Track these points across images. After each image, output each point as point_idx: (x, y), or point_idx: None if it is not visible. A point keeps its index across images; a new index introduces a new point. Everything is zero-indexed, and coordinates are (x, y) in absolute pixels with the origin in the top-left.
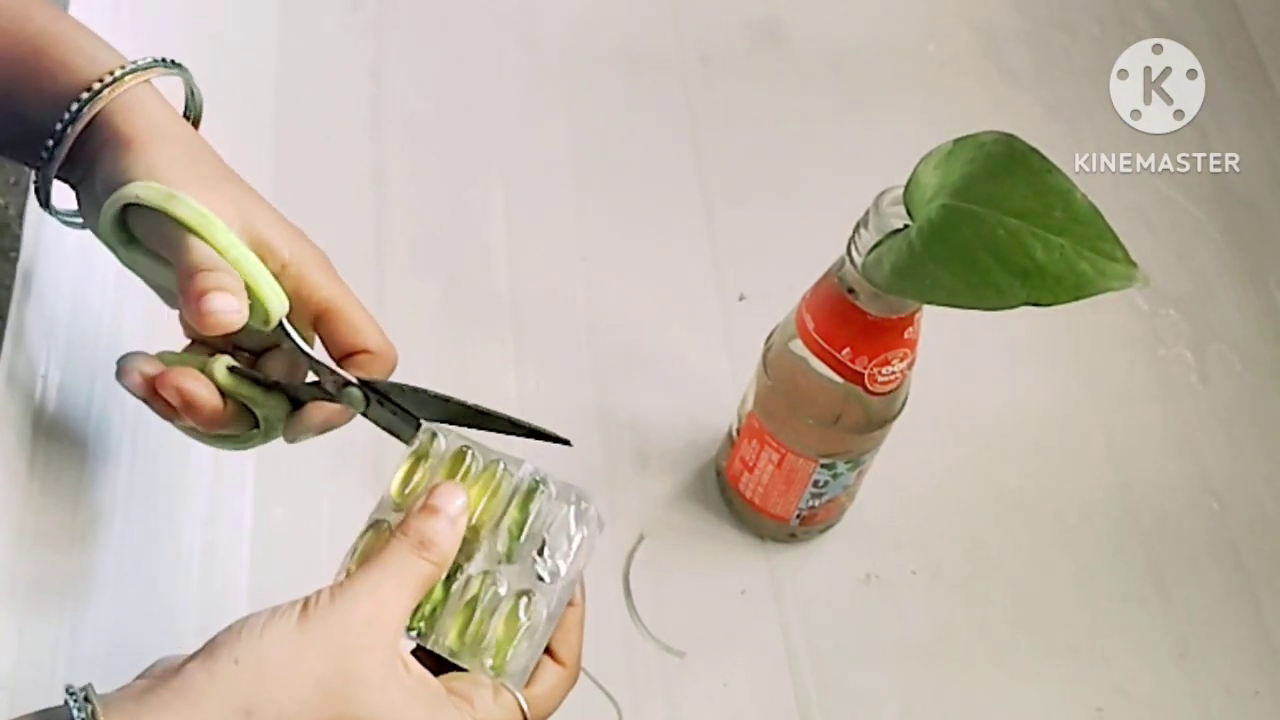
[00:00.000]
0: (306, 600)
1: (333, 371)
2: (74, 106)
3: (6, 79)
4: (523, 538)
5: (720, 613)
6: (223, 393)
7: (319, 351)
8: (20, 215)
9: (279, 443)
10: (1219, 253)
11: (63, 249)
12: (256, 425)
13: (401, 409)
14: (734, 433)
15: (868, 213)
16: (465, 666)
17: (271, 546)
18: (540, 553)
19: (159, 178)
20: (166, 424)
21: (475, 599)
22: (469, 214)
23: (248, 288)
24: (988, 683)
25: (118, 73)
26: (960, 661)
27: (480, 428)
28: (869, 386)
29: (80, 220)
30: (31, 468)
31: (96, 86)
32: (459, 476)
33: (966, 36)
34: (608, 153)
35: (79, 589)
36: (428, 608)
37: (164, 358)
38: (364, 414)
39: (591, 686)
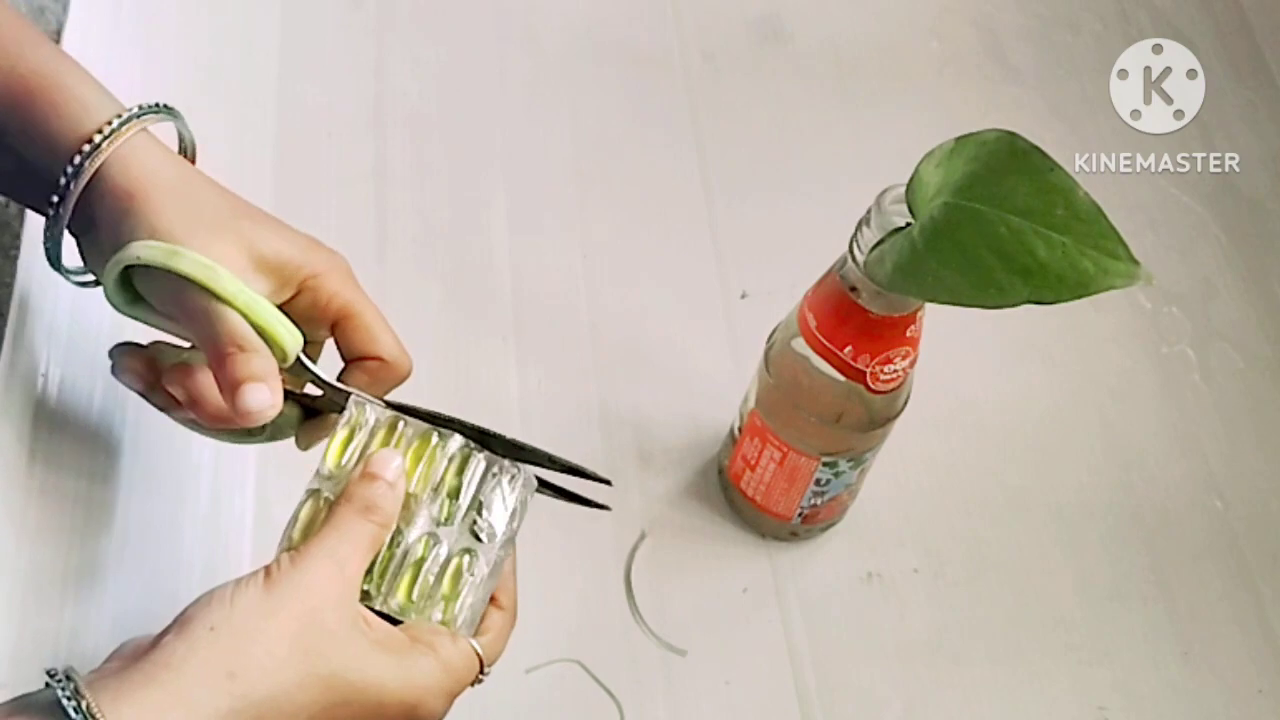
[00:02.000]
0: (268, 567)
1: (355, 393)
2: (76, 160)
3: None
4: (460, 501)
5: (722, 611)
6: None
7: (334, 368)
8: (21, 213)
9: (281, 441)
10: (1221, 251)
11: (64, 246)
12: (260, 433)
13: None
14: (736, 431)
15: (870, 211)
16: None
17: (273, 544)
18: (479, 514)
19: (160, 231)
20: (168, 421)
21: (421, 560)
22: (470, 212)
23: (260, 329)
24: (990, 681)
25: (115, 123)
26: (962, 660)
27: (512, 459)
28: (871, 385)
29: (92, 279)
30: (32, 465)
31: (96, 139)
32: (393, 445)
33: (969, 34)
34: (609, 150)
35: (79, 586)
36: (375, 572)
37: (162, 354)
38: None
39: (593, 684)
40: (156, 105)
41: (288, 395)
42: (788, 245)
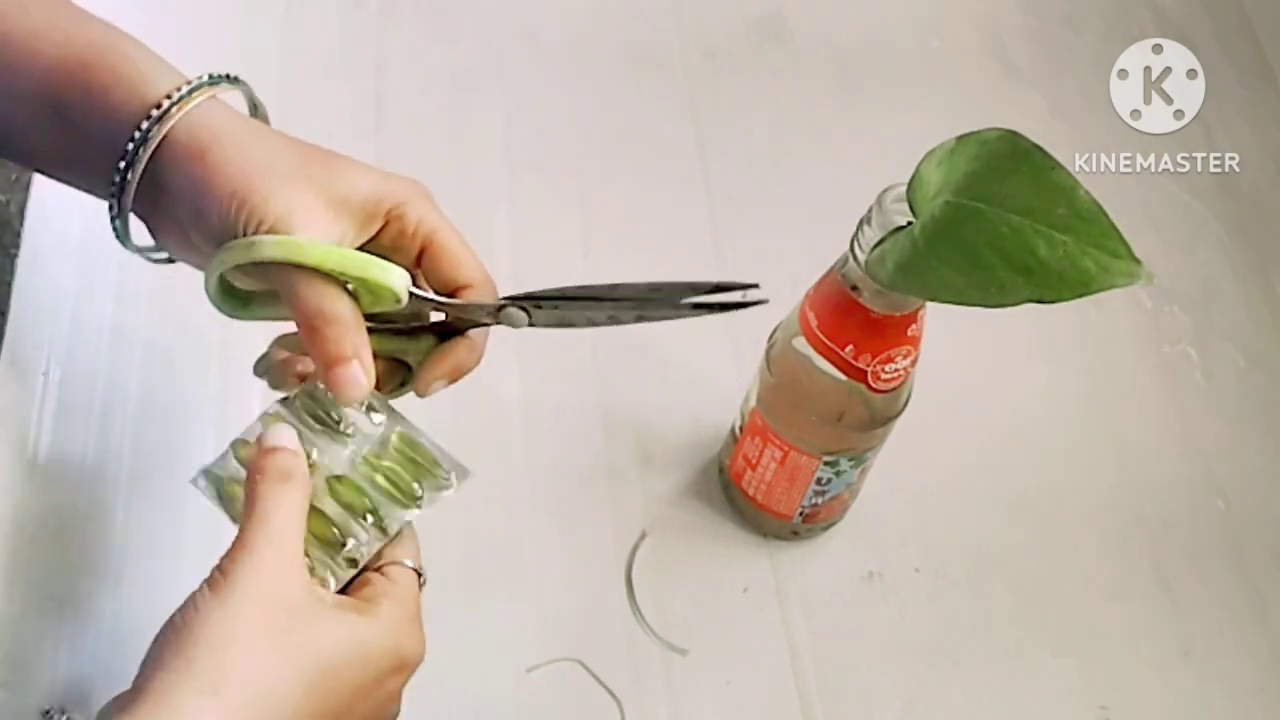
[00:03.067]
0: (212, 572)
1: (481, 306)
2: (144, 125)
3: (53, 91)
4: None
5: (723, 610)
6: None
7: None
8: (21, 212)
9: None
10: (1223, 249)
11: (65, 245)
12: (408, 376)
13: (570, 302)
14: (737, 430)
15: (871, 210)
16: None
17: None
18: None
19: (237, 188)
20: (169, 421)
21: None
22: (471, 211)
23: (363, 280)
24: (991, 681)
25: (184, 89)
26: (963, 659)
27: (654, 303)
28: (872, 384)
29: (165, 256)
30: (33, 465)
31: (165, 104)
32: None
33: (970, 33)
34: (611, 149)
35: (79, 586)
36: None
37: (286, 342)
38: (530, 324)
39: (594, 683)
40: (226, 75)
41: (417, 331)
42: (788, 244)
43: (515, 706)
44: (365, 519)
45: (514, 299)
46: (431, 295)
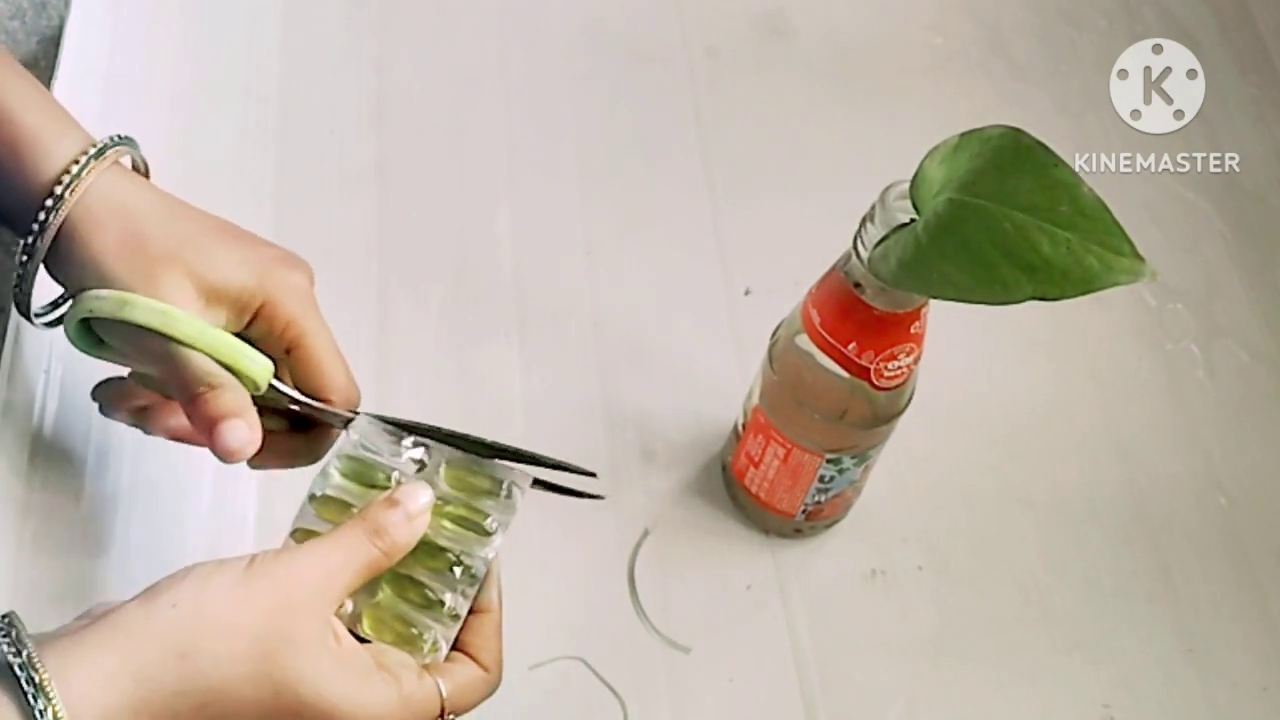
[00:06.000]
0: (254, 556)
1: (334, 414)
2: (41, 217)
3: None
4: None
5: (725, 608)
6: None
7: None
8: None
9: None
10: (1226, 247)
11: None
12: None
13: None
14: (739, 428)
15: (874, 207)
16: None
17: (275, 545)
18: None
19: (108, 273)
20: None
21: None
22: (473, 208)
23: (227, 365)
24: (994, 679)
25: (74, 170)
26: (966, 658)
27: (503, 456)
28: (875, 381)
29: (56, 317)
30: (34, 464)
31: (58, 191)
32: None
33: (973, 30)
34: (612, 146)
35: (80, 586)
36: (367, 598)
37: (144, 380)
38: None
39: (597, 682)
40: (112, 139)
41: (275, 412)
42: (791, 241)
43: (518, 705)
44: (453, 570)
45: (367, 416)
46: (289, 391)
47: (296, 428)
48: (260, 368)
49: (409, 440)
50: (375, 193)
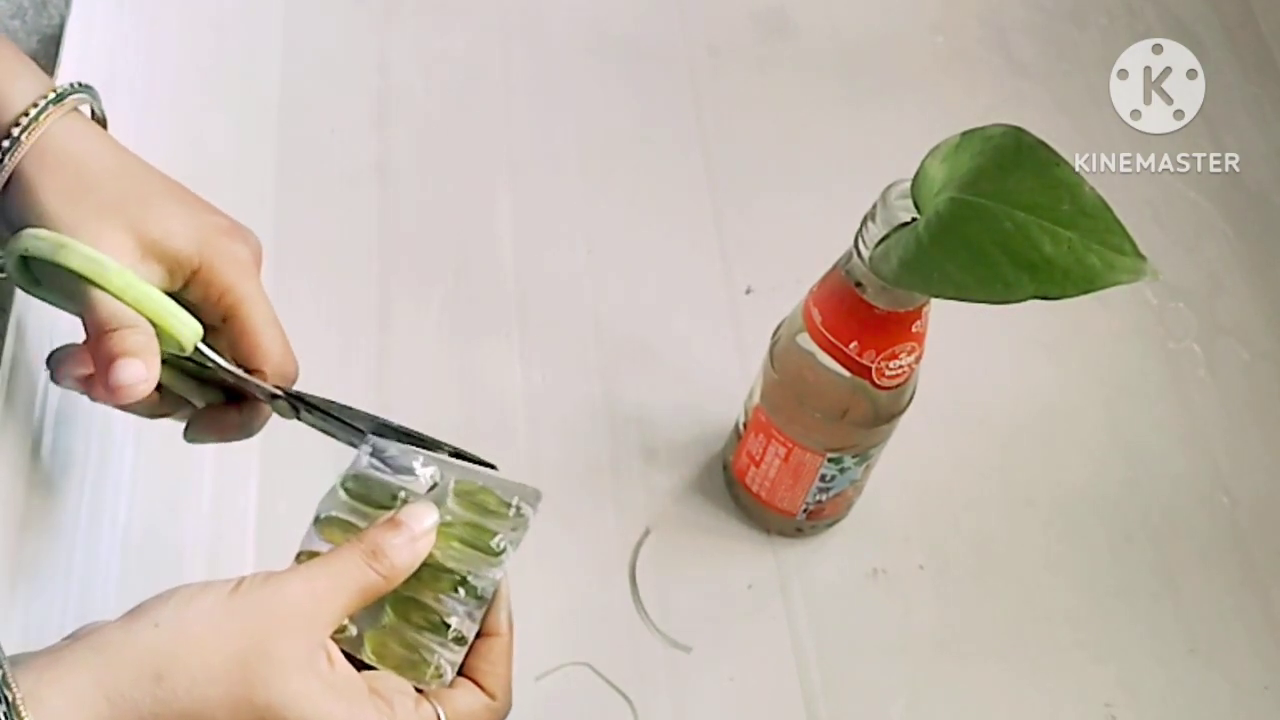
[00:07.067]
0: (242, 579)
1: (258, 386)
2: None
3: None
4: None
5: (727, 607)
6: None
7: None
8: None
9: (284, 436)
10: (1228, 246)
11: None
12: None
13: (333, 418)
14: (741, 427)
15: (875, 206)
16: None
17: (276, 540)
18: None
19: (49, 215)
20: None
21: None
22: (474, 208)
23: (154, 322)
24: (995, 678)
25: (32, 113)
26: (967, 657)
27: (413, 441)
28: (876, 381)
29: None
30: (35, 460)
31: (14, 133)
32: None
33: (975, 29)
34: (614, 145)
35: (82, 583)
36: (371, 622)
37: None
38: (297, 419)
39: (602, 684)
40: (72, 84)
41: (210, 382)
42: (792, 240)
43: (526, 712)
44: (458, 591)
45: (287, 393)
46: (216, 359)
47: (233, 401)
48: (188, 329)
49: (421, 459)
50: (376, 192)
